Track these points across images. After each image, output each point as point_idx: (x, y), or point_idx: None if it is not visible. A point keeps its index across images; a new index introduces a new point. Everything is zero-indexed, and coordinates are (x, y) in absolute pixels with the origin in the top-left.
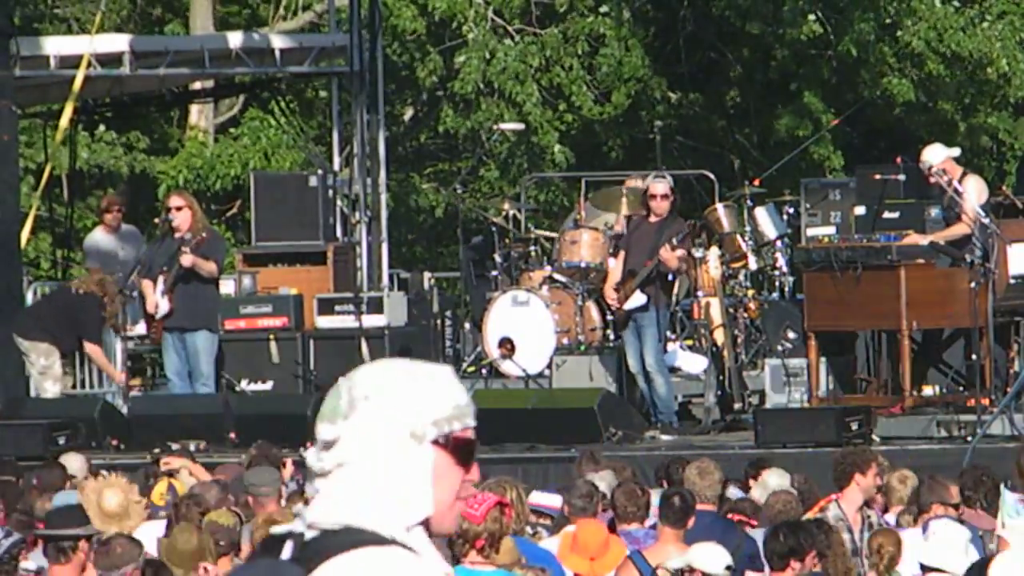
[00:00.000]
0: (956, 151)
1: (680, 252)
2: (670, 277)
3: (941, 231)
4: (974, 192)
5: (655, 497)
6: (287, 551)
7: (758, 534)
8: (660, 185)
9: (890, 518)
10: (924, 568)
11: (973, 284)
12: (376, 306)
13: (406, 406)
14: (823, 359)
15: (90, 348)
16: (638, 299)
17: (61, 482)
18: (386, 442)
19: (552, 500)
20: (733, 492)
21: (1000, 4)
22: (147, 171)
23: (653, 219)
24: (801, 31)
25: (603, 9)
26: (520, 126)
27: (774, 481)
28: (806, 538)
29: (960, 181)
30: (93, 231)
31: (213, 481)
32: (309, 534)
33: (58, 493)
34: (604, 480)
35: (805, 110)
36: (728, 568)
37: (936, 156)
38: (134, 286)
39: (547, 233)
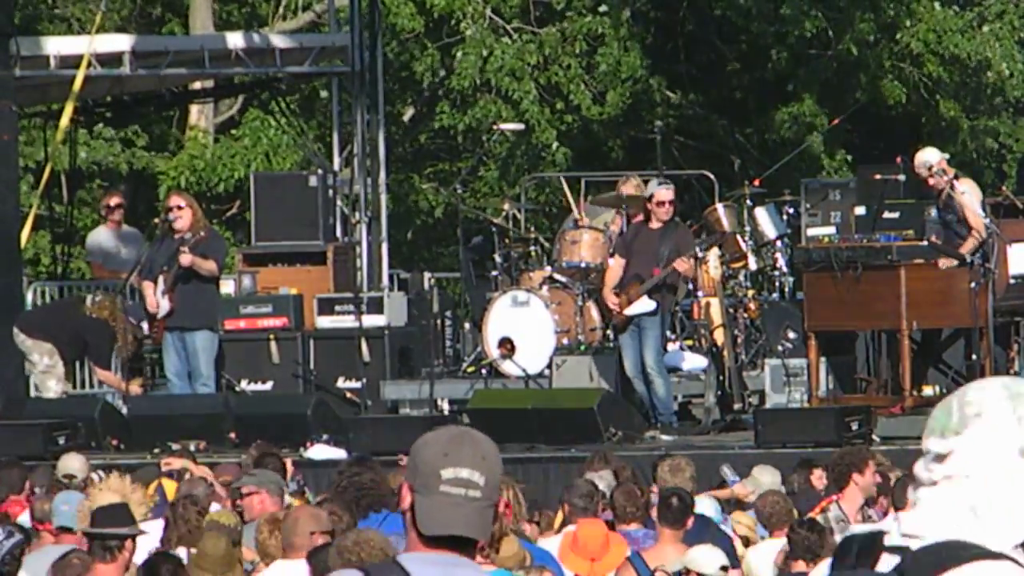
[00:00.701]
0: (946, 155)
1: (692, 261)
2: (689, 285)
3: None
4: (971, 192)
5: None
6: (888, 563)
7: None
8: (665, 191)
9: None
10: None
11: (973, 284)
12: (376, 306)
13: (1017, 424)
14: (823, 359)
15: (102, 375)
16: (646, 305)
17: (21, 483)
18: (996, 458)
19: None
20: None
21: (999, 3)
22: (147, 168)
23: (655, 225)
24: (804, 28)
25: (602, 9)
26: (520, 126)
27: (767, 479)
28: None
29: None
30: (96, 229)
31: (200, 479)
32: (915, 545)
33: (59, 493)
34: (604, 480)
35: (801, 117)
36: (723, 568)
37: (934, 156)
38: (134, 288)
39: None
